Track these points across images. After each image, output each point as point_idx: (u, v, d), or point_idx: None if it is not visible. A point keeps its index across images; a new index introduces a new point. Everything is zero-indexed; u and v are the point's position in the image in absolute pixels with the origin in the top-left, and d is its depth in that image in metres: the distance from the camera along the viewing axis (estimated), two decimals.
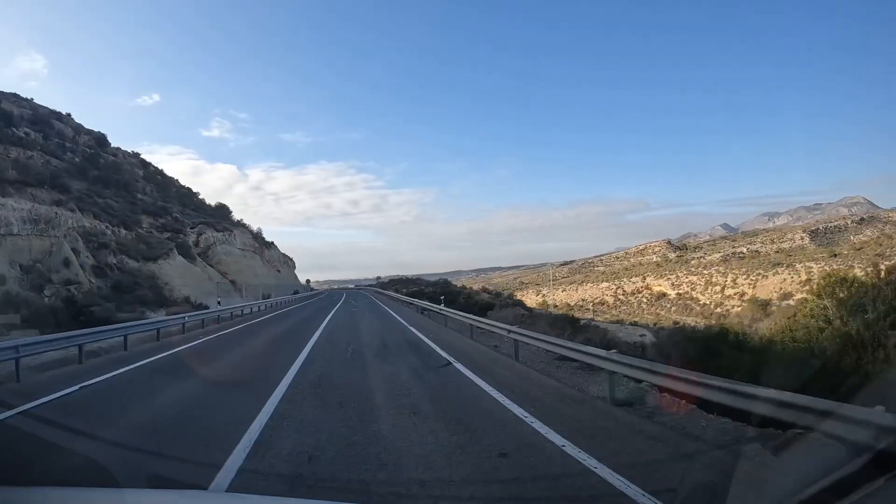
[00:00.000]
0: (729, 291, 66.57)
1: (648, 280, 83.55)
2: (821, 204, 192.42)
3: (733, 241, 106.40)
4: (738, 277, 67.74)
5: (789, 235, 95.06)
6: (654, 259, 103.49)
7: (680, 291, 75.92)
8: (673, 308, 72.96)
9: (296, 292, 44.78)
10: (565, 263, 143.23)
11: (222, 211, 51.09)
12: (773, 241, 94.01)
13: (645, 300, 79.85)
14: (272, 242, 57.47)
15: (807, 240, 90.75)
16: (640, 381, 5.53)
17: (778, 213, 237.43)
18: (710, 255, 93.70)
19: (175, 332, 14.34)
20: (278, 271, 51.80)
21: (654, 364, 5.54)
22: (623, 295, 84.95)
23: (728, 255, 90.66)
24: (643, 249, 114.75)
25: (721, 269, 73.76)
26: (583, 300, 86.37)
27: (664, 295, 78.00)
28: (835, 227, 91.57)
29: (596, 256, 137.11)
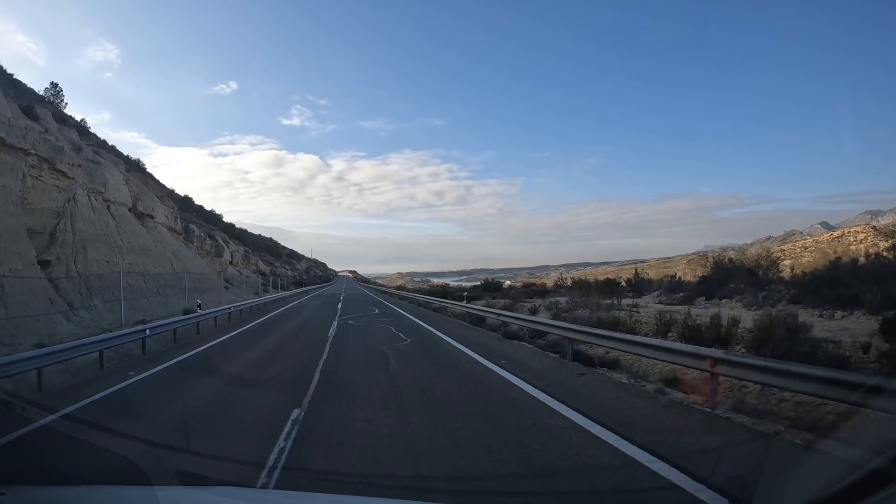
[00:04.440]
0: None
1: None
2: None
3: None
4: None
5: None
6: (864, 247, 64.25)
7: None
8: None
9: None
10: (695, 254, 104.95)
11: None
12: None
13: None
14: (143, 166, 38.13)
15: None
16: None
17: (881, 211, 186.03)
18: None
19: None
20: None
21: None
22: None
23: None
24: (838, 236, 72.91)
25: None
26: None
27: None
28: None
29: (781, 245, 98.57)
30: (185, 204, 46.57)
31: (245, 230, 60.55)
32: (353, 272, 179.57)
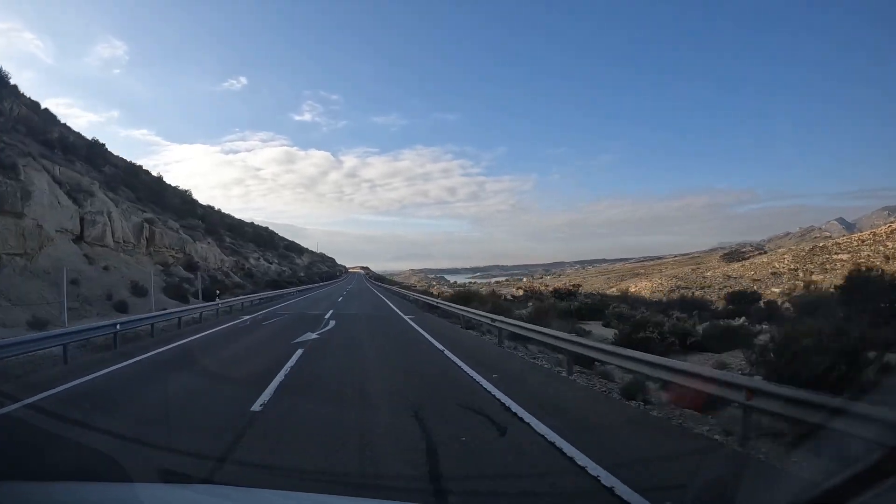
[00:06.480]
0: None
1: None
2: None
3: None
4: None
5: None
6: None
7: None
8: None
9: None
10: (729, 253, 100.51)
11: None
12: None
13: None
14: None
15: None
16: None
17: None
18: None
19: None
20: None
21: None
22: None
23: None
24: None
25: None
26: None
27: None
28: None
29: (828, 239, 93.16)
30: (96, 153, 31.97)
31: (220, 210, 55.47)
32: (366, 268, 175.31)
